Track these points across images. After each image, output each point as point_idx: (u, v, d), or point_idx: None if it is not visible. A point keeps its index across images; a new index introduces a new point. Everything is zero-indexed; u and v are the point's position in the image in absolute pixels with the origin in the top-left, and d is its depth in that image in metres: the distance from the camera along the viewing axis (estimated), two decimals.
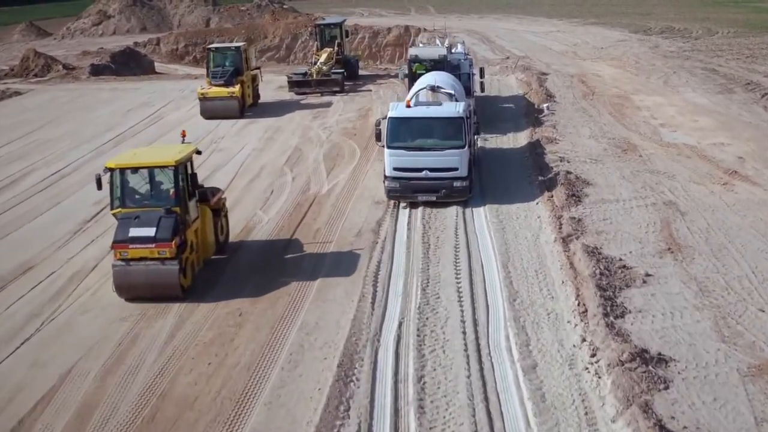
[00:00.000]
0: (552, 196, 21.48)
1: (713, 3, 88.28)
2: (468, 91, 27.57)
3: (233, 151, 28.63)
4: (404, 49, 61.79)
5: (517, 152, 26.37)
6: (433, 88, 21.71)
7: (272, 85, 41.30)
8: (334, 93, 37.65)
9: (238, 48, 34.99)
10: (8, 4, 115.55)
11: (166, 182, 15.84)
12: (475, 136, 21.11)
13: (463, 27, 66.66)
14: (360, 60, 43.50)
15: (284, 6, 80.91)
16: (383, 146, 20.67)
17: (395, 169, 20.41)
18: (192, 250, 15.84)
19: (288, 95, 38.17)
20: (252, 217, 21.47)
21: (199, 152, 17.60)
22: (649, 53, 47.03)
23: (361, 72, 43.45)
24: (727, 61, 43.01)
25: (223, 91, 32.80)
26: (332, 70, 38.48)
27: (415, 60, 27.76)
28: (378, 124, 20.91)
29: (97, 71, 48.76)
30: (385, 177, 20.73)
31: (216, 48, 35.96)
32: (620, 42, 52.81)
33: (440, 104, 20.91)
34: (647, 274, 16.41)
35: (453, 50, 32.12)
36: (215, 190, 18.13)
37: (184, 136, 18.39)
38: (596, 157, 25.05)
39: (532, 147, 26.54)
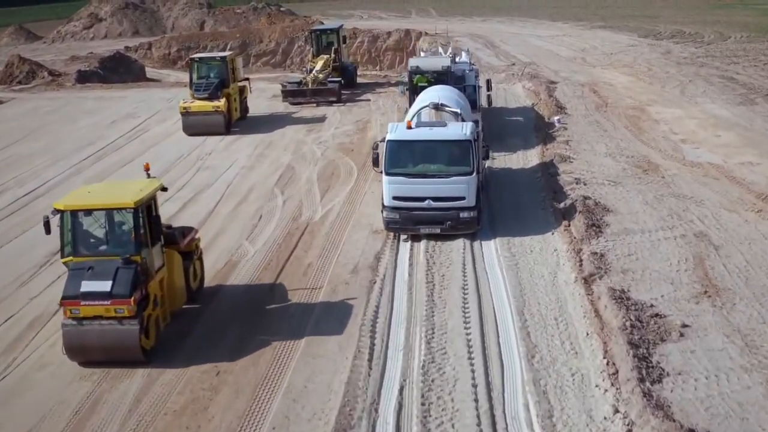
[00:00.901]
0: (569, 226, 19.42)
1: (720, 5, 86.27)
2: (474, 105, 25.49)
3: (220, 170, 26.54)
4: (405, 54, 59.93)
5: (529, 173, 24.28)
6: (437, 107, 19.59)
7: (266, 94, 39.26)
8: (330, 103, 35.57)
9: (223, 58, 32.45)
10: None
11: (125, 226, 13.65)
12: (484, 161, 18.94)
13: (466, 31, 64.62)
14: (358, 67, 41.36)
15: (281, 8, 78.84)
16: (381, 172, 18.53)
17: (395, 198, 18.29)
18: (156, 306, 13.62)
19: (282, 105, 36.10)
20: (237, 249, 19.40)
21: (164, 189, 15.19)
22: (662, 59, 44.92)
23: (359, 79, 41.33)
24: (744, 68, 40.91)
25: (207, 105, 30.29)
26: (329, 79, 36.41)
27: (417, 72, 25.62)
28: (375, 147, 18.76)
29: (83, 78, 46.69)
30: (384, 207, 18.62)
31: (200, 58, 33.27)
32: (630, 47, 50.70)
33: (445, 125, 18.76)
34: (684, 325, 14.33)
35: (457, 59, 30.03)
36: (186, 231, 15.86)
37: (147, 169, 15.92)
38: (615, 179, 22.96)
39: (545, 167, 24.44)
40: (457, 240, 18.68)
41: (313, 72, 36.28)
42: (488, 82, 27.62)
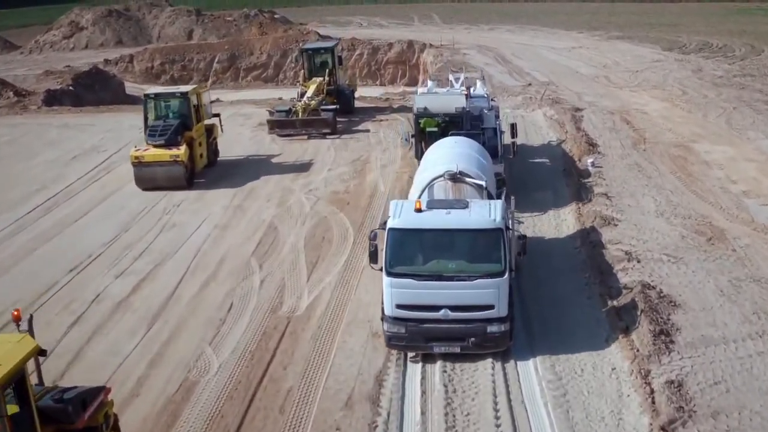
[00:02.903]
0: (628, 332, 14.87)
1: (738, 11, 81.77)
2: (495, 153, 20.93)
3: (189, 229, 21.96)
4: (407, 67, 55.42)
5: (565, 243, 19.67)
6: (455, 177, 14.90)
7: (251, 122, 34.64)
8: (323, 135, 30.96)
9: (184, 94, 26.06)
10: None
11: None
12: (520, 256, 14.17)
13: (473, 41, 59.95)
14: (356, 90, 36.62)
15: (275, 15, 74.09)
16: (380, 270, 13.87)
17: (399, 306, 13.66)
18: None
19: (268, 138, 31.43)
20: (197, 361, 14.85)
21: (42, 353, 9.82)
22: (694, 79, 40.33)
23: (357, 102, 36.69)
24: None
25: (164, 153, 24.69)
26: (322, 107, 31.83)
27: (424, 114, 20.85)
28: (373, 237, 13.99)
29: (52, 99, 42.06)
30: (384, 317, 14.00)
31: (155, 95, 26.63)
32: (656, 63, 46.08)
33: (466, 205, 13.99)
34: None
35: (472, 90, 25.45)
36: (92, 395, 10.55)
37: (17, 320, 10.56)
38: (674, 252, 18.42)
39: (584, 234, 19.86)
40: (485, 358, 14.13)
41: (304, 99, 31.68)
42: (513, 127, 22.59)
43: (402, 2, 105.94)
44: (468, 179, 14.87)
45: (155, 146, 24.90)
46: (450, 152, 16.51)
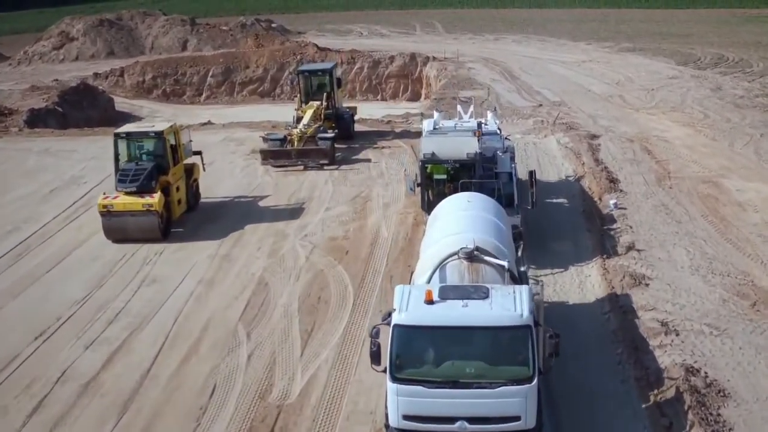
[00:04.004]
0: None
1: (747, 19, 79.59)
2: (510, 202, 18.78)
3: (170, 284, 19.76)
4: (409, 81, 53.27)
5: (591, 308, 17.46)
6: (471, 256, 12.66)
7: (243, 149, 32.42)
8: (320, 166, 28.77)
9: (159, 134, 22.99)
10: None
11: None
12: (552, 357, 11.89)
13: (478, 53, 57.71)
14: (356, 114, 34.32)
15: (272, 25, 71.90)
16: (384, 371, 11.66)
17: (407, 417, 11.44)
18: None
19: (262, 168, 29.20)
20: None
21: None
22: (714, 99, 38.13)
23: (357, 124, 34.46)
24: None
25: (136, 202, 21.94)
26: (319, 135, 29.63)
27: (431, 160, 18.50)
28: (375, 334, 11.70)
29: (35, 119, 39.91)
30: (389, 428, 11.79)
31: (127, 134, 23.46)
32: (672, 80, 43.84)
33: (486, 293, 11.74)
34: None
35: (483, 121, 23.27)
36: None
37: None
38: (716, 321, 16.27)
39: (613, 297, 17.66)
40: None
41: (300, 126, 29.49)
42: (531, 175, 19.96)
43: (403, 8, 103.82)
44: (489, 260, 12.61)
45: (126, 193, 22.19)
46: (463, 217, 14.28)
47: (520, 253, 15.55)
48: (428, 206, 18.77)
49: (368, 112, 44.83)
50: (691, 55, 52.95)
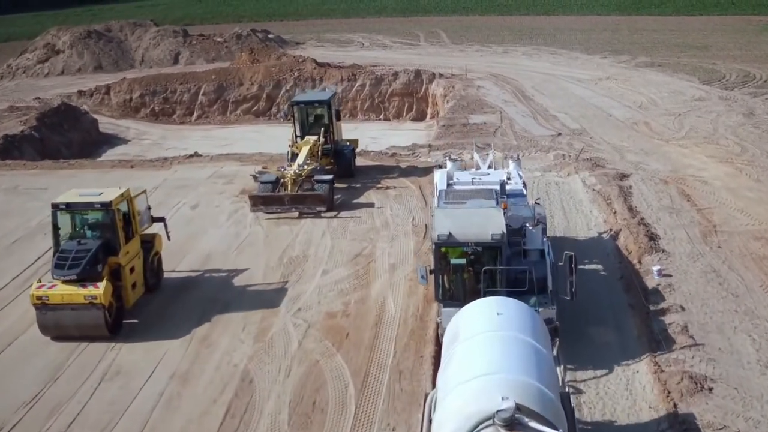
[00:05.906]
0: None
1: (763, 27, 76.43)
2: (542, 288, 15.54)
3: (135, 382, 16.52)
4: (414, 99, 50.08)
5: (647, 428, 14.20)
6: (512, 424, 9.33)
7: (232, 188, 29.18)
8: (317, 213, 25.56)
9: (107, 205, 18.49)
10: None
11: None
12: None
13: (487, 68, 54.44)
14: (356, 147, 31.05)
15: (269, 35, 68.61)
16: None
17: None
18: None
19: (251, 215, 25.96)
20: None
21: None
22: (749, 127, 34.87)
23: (358, 157, 31.25)
24: None
25: (76, 293, 17.64)
26: (316, 177, 26.41)
27: (448, 242, 15.03)
28: None
29: (10, 148, 36.78)
30: None
31: (67, 205, 18.80)
32: (699, 102, 40.56)
33: None
34: None
35: (506, 178, 19.99)
36: None
37: None
38: None
39: (670, 408, 14.39)
40: None
41: (295, 167, 26.26)
42: (571, 260, 15.28)
43: (406, 15, 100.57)
44: (532, 424, 9.32)
45: (65, 282, 17.86)
46: (492, 343, 10.95)
47: (555, 352, 12.52)
48: (443, 294, 15.55)
49: (370, 134, 41.85)
50: (715, 71, 49.65)
